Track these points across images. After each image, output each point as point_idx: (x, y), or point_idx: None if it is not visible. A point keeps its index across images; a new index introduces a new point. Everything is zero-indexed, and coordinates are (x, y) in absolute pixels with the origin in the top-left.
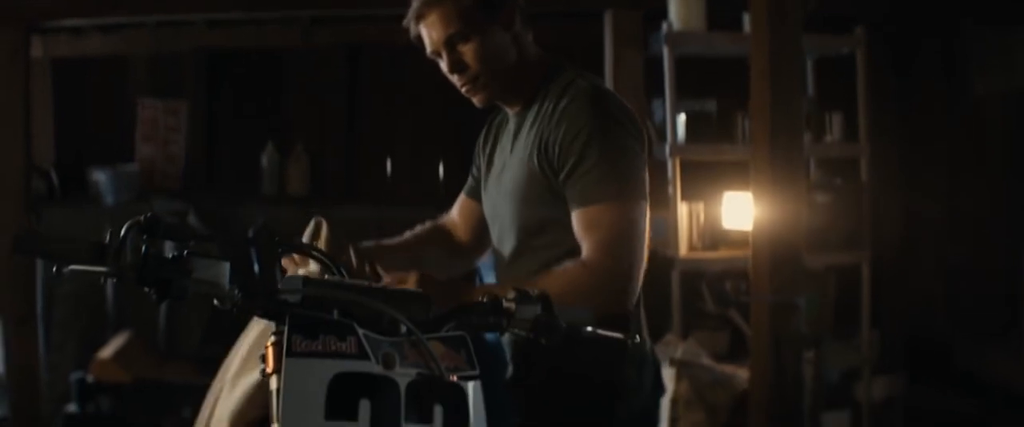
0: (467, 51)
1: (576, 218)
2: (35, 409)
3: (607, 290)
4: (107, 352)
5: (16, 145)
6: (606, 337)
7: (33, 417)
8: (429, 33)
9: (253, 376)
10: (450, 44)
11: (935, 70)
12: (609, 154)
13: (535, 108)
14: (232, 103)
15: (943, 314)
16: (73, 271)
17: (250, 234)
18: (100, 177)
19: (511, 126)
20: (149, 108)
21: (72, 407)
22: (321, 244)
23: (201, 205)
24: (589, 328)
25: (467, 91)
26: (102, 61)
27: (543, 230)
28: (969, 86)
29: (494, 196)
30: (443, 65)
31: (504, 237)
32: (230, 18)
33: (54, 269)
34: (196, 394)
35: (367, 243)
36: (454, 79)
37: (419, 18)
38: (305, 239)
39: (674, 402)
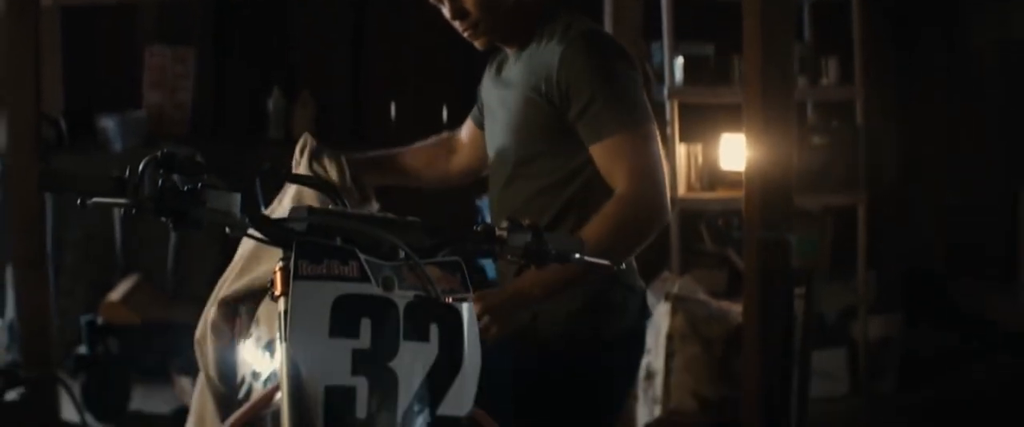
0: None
1: (598, 152)
2: (45, 353)
3: (651, 212)
4: (116, 294)
5: (27, 93)
6: (593, 264)
7: (44, 361)
8: None
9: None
10: None
11: (932, 17)
12: (616, 88)
13: (532, 47)
14: (239, 49)
15: (940, 255)
16: (95, 204)
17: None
18: (108, 124)
19: (510, 64)
20: (157, 55)
21: (82, 349)
22: (305, 160)
23: (209, 150)
24: (577, 255)
25: (469, 36)
26: (110, 8)
27: (534, 160)
28: (966, 34)
29: (492, 129)
30: (445, 11)
31: (499, 168)
32: None
33: (78, 201)
34: None
35: (358, 156)
36: (456, 25)
37: None
38: (297, 152)
39: (670, 336)
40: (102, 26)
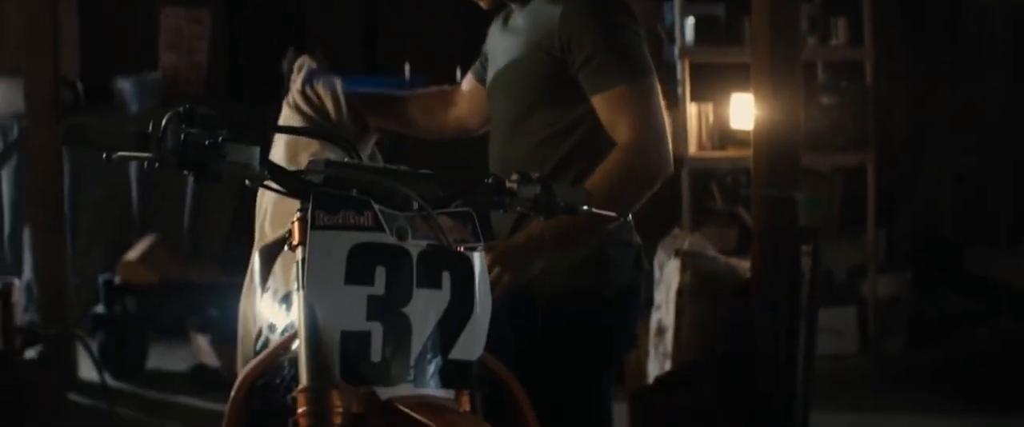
0: None
1: (600, 103)
2: (63, 313)
3: (655, 162)
4: (133, 254)
5: (44, 56)
6: (600, 215)
7: (61, 320)
8: None
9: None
10: None
11: None
12: (618, 40)
13: (535, 4)
14: (253, 9)
15: (950, 217)
16: (119, 159)
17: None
18: (125, 86)
19: (515, 16)
20: (172, 16)
21: (100, 308)
22: (298, 81)
23: (224, 110)
24: (585, 207)
25: None
26: None
27: (535, 113)
28: None
29: (494, 84)
30: None
31: (500, 120)
32: None
33: (104, 156)
34: (221, 292)
35: (357, 90)
36: None
37: None
38: (293, 72)
39: (680, 292)
40: None
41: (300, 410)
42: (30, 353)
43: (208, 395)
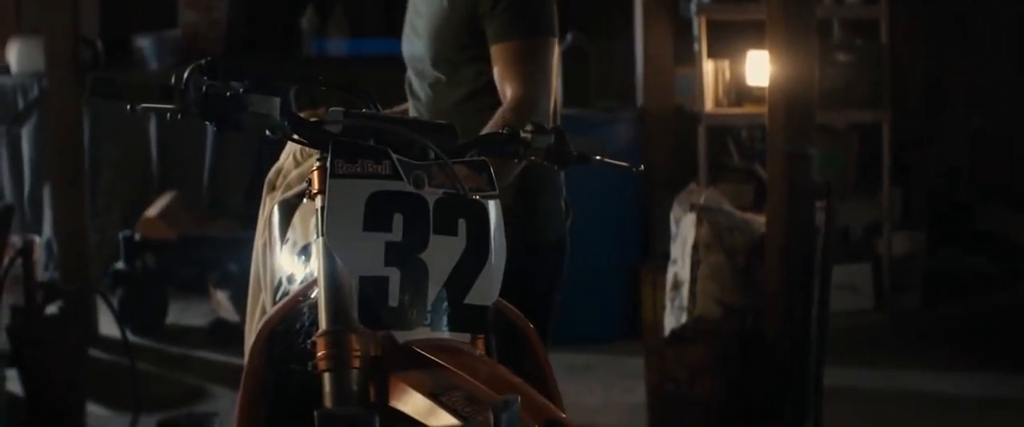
0: None
1: (496, 52)
2: (83, 270)
3: (536, 116)
4: (153, 211)
5: (64, 15)
6: (613, 165)
7: (81, 277)
8: None
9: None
10: None
11: None
12: None
13: None
14: None
15: (966, 176)
16: (144, 110)
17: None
18: (144, 44)
19: None
20: None
21: (120, 265)
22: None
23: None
24: (597, 157)
25: None
26: None
27: (460, 65)
28: None
29: (411, 38)
30: None
31: (423, 73)
32: None
33: (129, 107)
34: (240, 247)
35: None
36: None
37: None
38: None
39: (696, 246)
40: None
41: (319, 354)
42: (51, 309)
43: (227, 349)
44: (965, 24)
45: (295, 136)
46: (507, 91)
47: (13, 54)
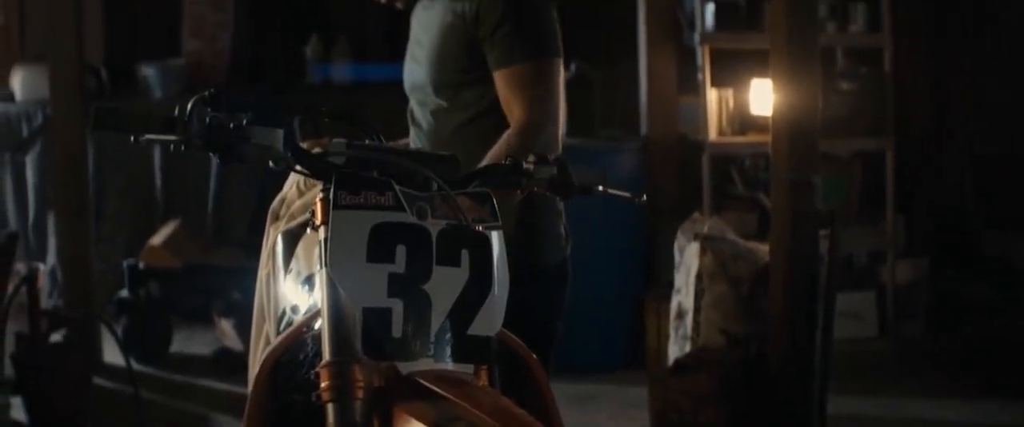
0: None
1: (499, 78)
2: (87, 299)
3: (545, 142)
4: (157, 239)
5: (69, 43)
6: (615, 195)
7: (85, 305)
8: None
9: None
10: None
11: None
12: (523, 17)
13: None
14: None
15: (970, 202)
16: (147, 141)
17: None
18: (148, 72)
19: (427, 3)
20: (196, 3)
21: (124, 293)
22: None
23: (248, 96)
24: (599, 187)
25: (387, 1)
26: None
27: (460, 89)
28: None
29: (412, 68)
30: None
31: (425, 102)
32: None
33: (132, 138)
34: (244, 276)
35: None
36: None
37: None
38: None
39: (699, 275)
40: None
41: (323, 384)
42: (55, 337)
43: (232, 378)
44: (969, 50)
45: (298, 167)
46: (513, 115)
47: (17, 81)
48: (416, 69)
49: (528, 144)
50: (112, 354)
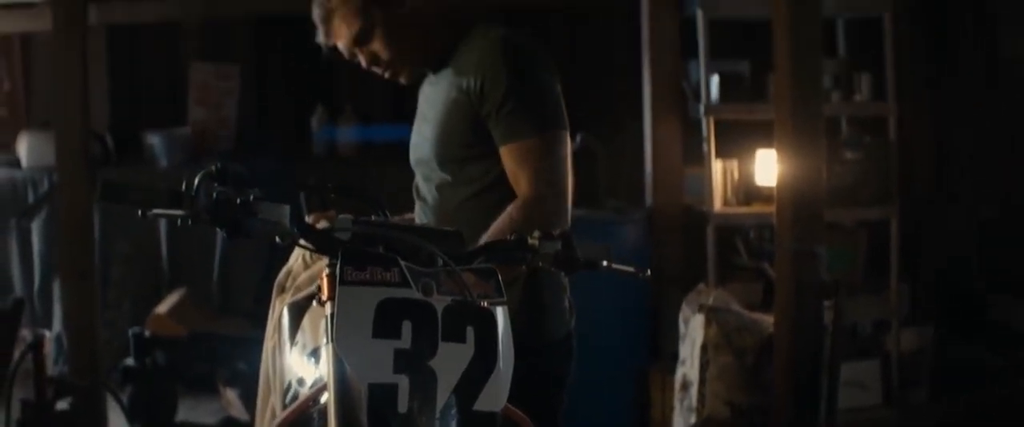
0: (375, 44)
1: (505, 153)
2: (93, 366)
3: (549, 218)
4: (163, 308)
5: (75, 110)
6: (620, 270)
7: (91, 373)
8: (338, 40)
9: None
10: (358, 43)
11: (966, 31)
12: (530, 90)
13: (452, 60)
14: (282, 67)
15: (976, 269)
16: (154, 216)
17: (303, 183)
18: (154, 140)
19: (433, 79)
20: (201, 72)
21: (129, 361)
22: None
23: (254, 166)
24: (604, 262)
25: (390, 76)
26: (155, 26)
27: (465, 164)
28: (1003, 46)
29: (418, 143)
30: (361, 62)
31: (430, 176)
32: None
33: (139, 213)
34: (250, 346)
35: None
36: (375, 70)
37: (326, 31)
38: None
39: (704, 347)
40: (147, 43)
41: None
42: (61, 405)
43: None
44: (972, 114)
45: (305, 244)
46: (520, 189)
47: (23, 147)
48: (422, 144)
49: (531, 218)
50: (118, 422)
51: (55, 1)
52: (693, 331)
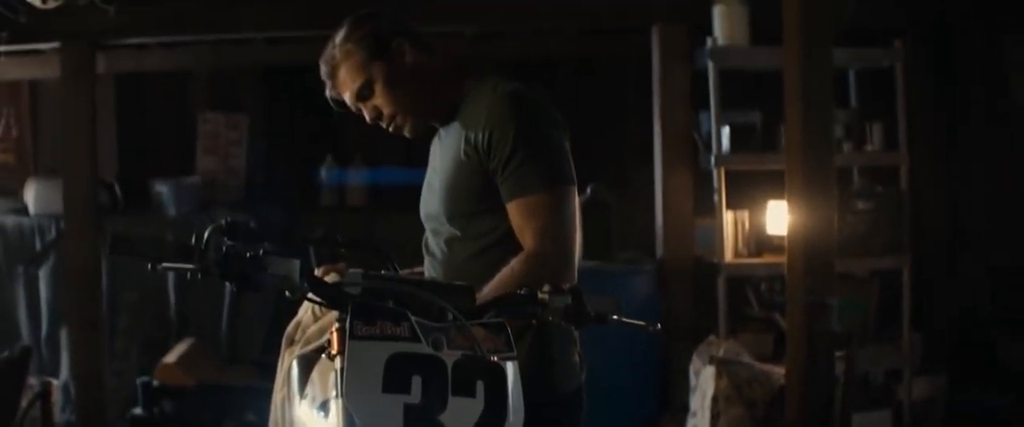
0: (377, 99)
1: (512, 209)
2: (101, 415)
3: (552, 273)
4: (171, 357)
5: (83, 158)
6: (629, 324)
7: (99, 421)
8: (343, 94)
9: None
10: (361, 98)
11: (976, 79)
12: (535, 147)
13: (460, 114)
14: (291, 116)
15: (988, 317)
16: (164, 269)
17: (313, 236)
18: (162, 189)
19: (443, 133)
20: (210, 122)
21: (137, 410)
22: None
23: (262, 216)
24: (614, 316)
25: (394, 130)
26: (163, 76)
27: (474, 219)
28: (1011, 94)
29: (428, 197)
30: (366, 117)
31: (439, 231)
32: (288, 36)
33: (149, 266)
34: (258, 397)
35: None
36: (380, 124)
37: (333, 86)
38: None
39: (715, 398)
40: (155, 93)
41: None
42: None
43: None
44: (983, 161)
45: (315, 298)
46: (524, 246)
47: (30, 194)
48: (431, 199)
49: (533, 273)
50: None
51: (63, 48)
52: (704, 383)
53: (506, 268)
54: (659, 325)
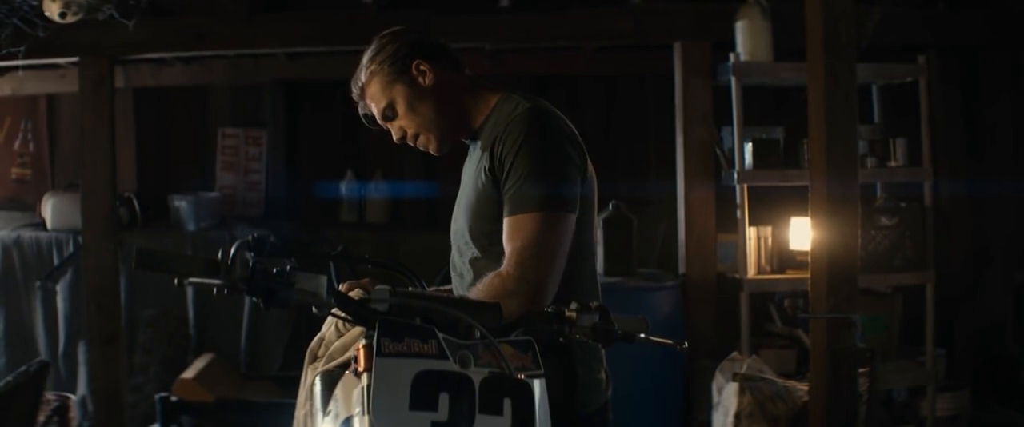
0: (401, 117)
1: (505, 225)
2: None
3: (516, 295)
4: (190, 372)
5: (102, 173)
6: (657, 343)
7: None
8: (373, 111)
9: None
10: (386, 117)
11: (1000, 95)
12: (537, 169)
13: (484, 131)
14: (311, 132)
15: (1012, 333)
16: (190, 284)
17: (334, 252)
18: (181, 204)
19: (470, 151)
20: (230, 137)
21: (156, 426)
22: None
23: (282, 232)
24: (642, 335)
25: (422, 147)
26: (183, 90)
27: (494, 238)
28: None
29: (456, 215)
30: (393, 136)
31: (463, 250)
32: (308, 51)
33: (175, 281)
34: (278, 412)
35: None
36: (408, 143)
37: (364, 104)
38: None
39: (738, 415)
40: (175, 107)
41: None
42: None
43: None
44: (1007, 177)
45: (342, 314)
46: (505, 260)
47: (48, 209)
48: (458, 217)
49: (498, 290)
50: None
51: (82, 63)
52: (726, 400)
53: (483, 281)
54: (686, 344)
